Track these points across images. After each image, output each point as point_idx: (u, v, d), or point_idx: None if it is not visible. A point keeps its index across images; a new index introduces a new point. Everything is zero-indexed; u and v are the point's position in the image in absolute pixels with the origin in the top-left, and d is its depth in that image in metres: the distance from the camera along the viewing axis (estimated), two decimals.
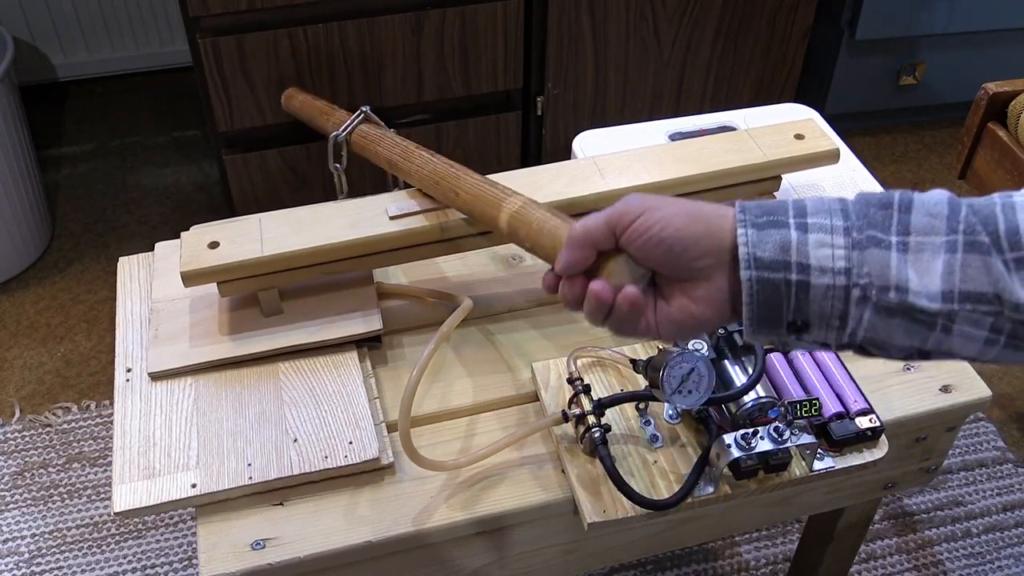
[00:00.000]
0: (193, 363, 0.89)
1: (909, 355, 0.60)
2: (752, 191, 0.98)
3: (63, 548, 1.48)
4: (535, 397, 0.89)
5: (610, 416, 0.82)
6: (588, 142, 1.07)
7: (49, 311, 1.86)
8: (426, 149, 0.93)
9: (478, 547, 0.84)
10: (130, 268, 1.01)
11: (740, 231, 0.59)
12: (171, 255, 0.98)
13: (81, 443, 1.63)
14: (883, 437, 0.83)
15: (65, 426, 1.65)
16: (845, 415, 0.83)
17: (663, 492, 0.79)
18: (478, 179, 0.86)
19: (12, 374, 1.74)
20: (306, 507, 0.80)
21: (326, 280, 0.94)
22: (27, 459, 1.60)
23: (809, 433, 0.79)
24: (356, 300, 0.93)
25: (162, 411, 0.86)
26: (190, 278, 0.87)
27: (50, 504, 1.54)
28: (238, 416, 0.85)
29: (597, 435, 0.79)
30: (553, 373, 0.88)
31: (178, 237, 0.91)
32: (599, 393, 0.84)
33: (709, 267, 0.60)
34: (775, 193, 0.99)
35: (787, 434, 0.77)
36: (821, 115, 1.23)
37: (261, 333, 0.90)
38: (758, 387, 0.78)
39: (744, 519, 0.98)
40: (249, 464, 0.81)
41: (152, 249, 1.01)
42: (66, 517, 1.52)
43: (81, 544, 1.49)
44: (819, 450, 0.80)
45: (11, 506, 1.54)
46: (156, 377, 0.89)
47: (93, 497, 1.55)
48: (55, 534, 1.50)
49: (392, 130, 1.02)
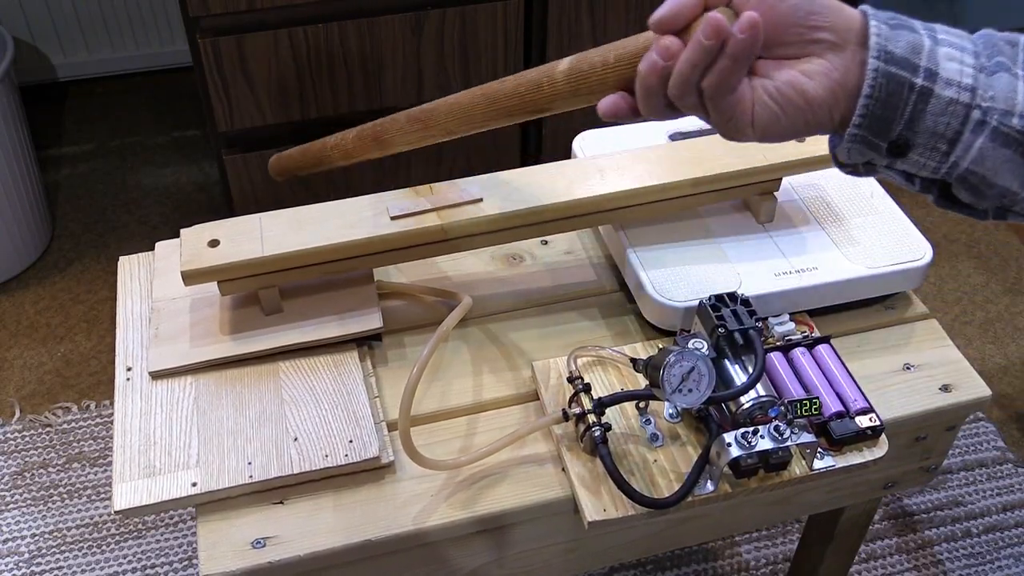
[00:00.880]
0: (193, 362, 0.89)
1: (998, 205, 0.57)
2: (752, 192, 0.98)
3: (63, 548, 1.48)
4: (535, 396, 0.89)
5: (610, 415, 0.82)
6: (588, 142, 1.06)
7: (49, 311, 1.86)
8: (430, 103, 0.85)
9: (478, 546, 0.84)
10: (130, 267, 1.01)
11: (873, 23, 0.56)
12: (171, 254, 0.98)
13: (81, 443, 1.63)
14: (883, 436, 0.83)
15: (65, 426, 1.65)
16: (845, 414, 0.83)
17: (663, 491, 0.79)
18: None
19: (12, 374, 1.74)
20: (306, 506, 0.80)
21: (326, 279, 0.94)
22: (27, 459, 1.60)
23: (809, 432, 0.79)
24: (356, 299, 0.93)
25: (162, 410, 0.86)
26: (190, 277, 0.87)
27: (50, 504, 1.54)
28: (238, 415, 0.85)
29: (597, 434, 0.79)
30: (553, 372, 0.88)
31: (178, 237, 0.91)
32: (599, 392, 0.84)
33: (827, 45, 0.56)
34: (775, 193, 0.99)
35: (787, 433, 0.77)
36: None
37: (261, 332, 0.90)
38: (758, 386, 0.78)
39: (744, 518, 0.98)
40: (249, 463, 0.81)
41: (152, 249, 1.01)
42: (66, 517, 1.52)
43: (81, 544, 1.49)
44: (819, 449, 0.80)
45: (11, 506, 1.54)
46: (156, 376, 0.89)
47: (93, 497, 1.55)
48: (55, 534, 1.50)
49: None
